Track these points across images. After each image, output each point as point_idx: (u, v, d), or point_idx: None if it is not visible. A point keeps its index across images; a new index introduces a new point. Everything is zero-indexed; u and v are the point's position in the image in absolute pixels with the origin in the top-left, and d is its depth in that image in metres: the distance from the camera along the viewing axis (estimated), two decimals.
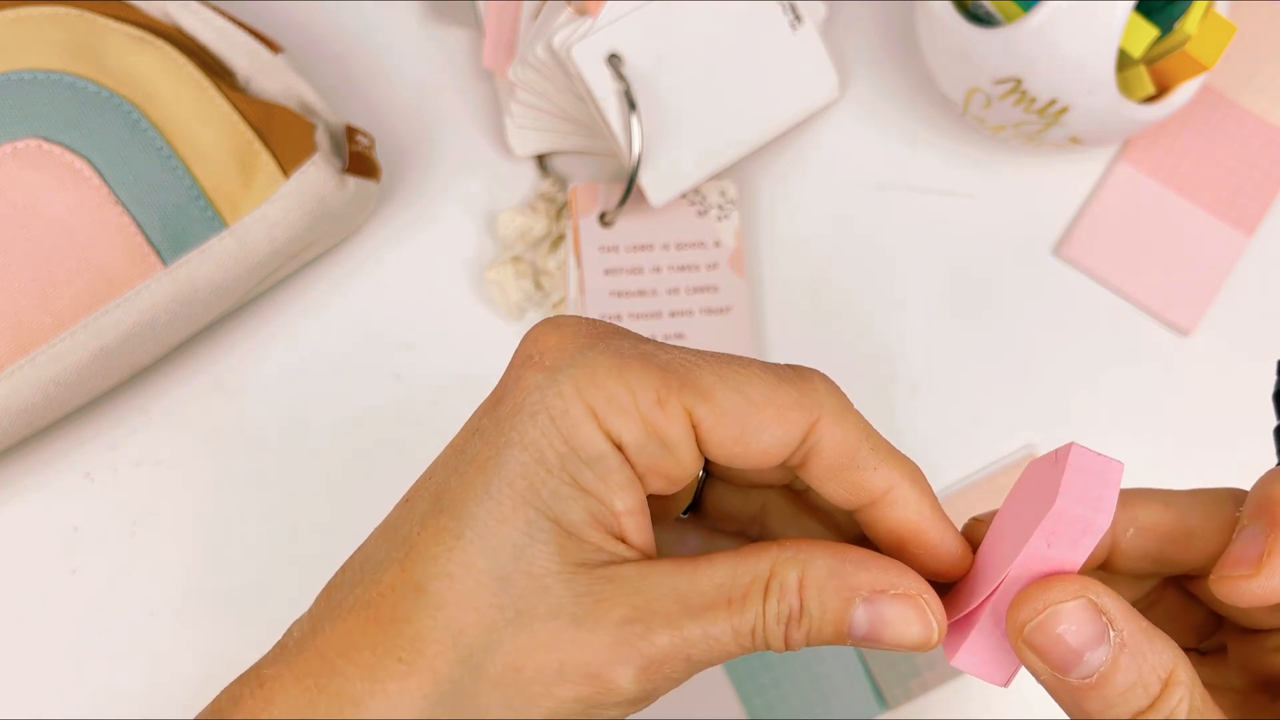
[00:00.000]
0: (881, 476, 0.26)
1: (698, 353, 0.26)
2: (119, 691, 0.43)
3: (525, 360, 0.25)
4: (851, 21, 0.50)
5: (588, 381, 0.24)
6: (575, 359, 0.25)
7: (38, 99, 0.40)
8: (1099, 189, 0.48)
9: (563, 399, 0.24)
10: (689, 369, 0.25)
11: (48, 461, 0.45)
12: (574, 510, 0.24)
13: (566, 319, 0.26)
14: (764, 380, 0.25)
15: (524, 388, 0.25)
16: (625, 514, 0.25)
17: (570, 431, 0.24)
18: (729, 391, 0.25)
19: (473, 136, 0.48)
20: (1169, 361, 0.47)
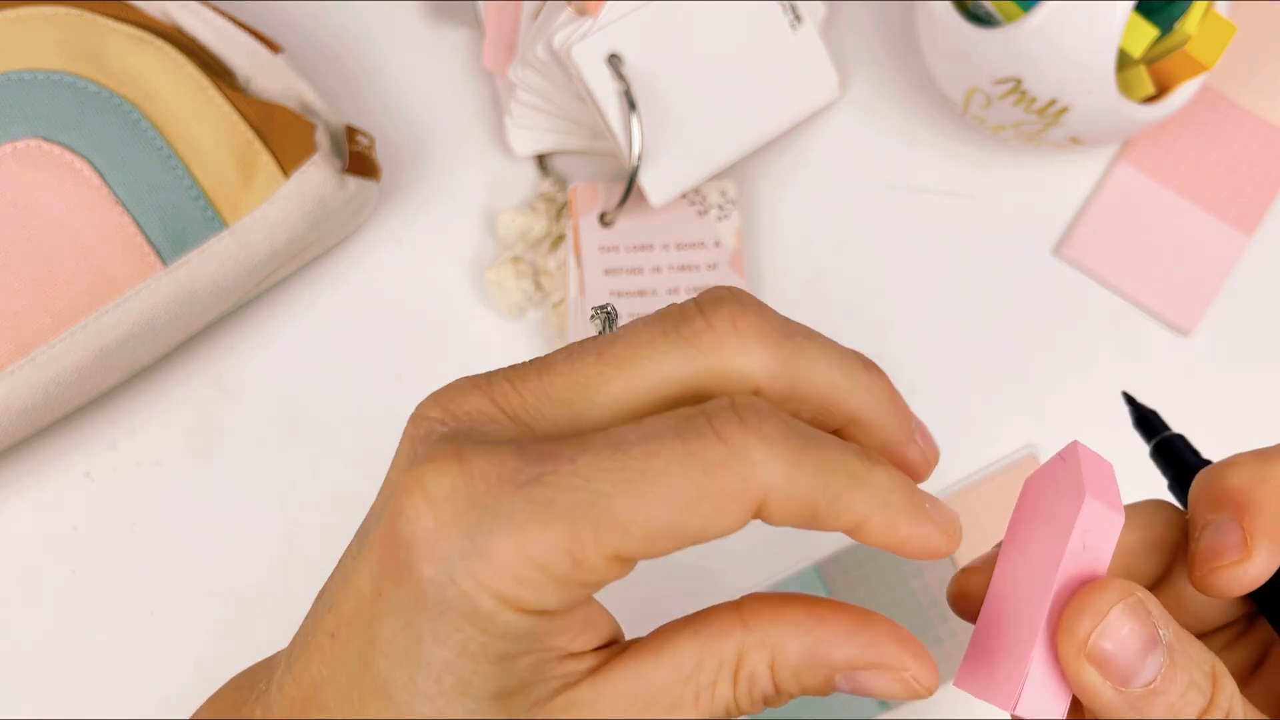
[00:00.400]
0: (848, 515, 0.23)
1: (601, 452, 0.21)
2: (118, 692, 0.43)
3: (409, 541, 0.22)
4: (851, 21, 0.50)
5: (488, 569, 0.21)
6: (466, 546, 0.21)
7: (38, 99, 0.40)
8: (1099, 189, 0.48)
9: (466, 596, 0.21)
10: (595, 501, 0.21)
11: (47, 461, 0.45)
12: (511, 675, 0.22)
13: (441, 467, 0.22)
14: (687, 472, 0.21)
15: (420, 580, 0.21)
16: (573, 639, 0.23)
17: (483, 624, 0.21)
18: (652, 509, 0.21)
19: (473, 136, 0.48)
20: (1169, 361, 0.47)
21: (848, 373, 0.24)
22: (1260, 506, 0.25)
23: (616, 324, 0.26)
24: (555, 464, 0.21)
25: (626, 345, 0.23)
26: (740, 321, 0.23)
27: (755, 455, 0.21)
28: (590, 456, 0.21)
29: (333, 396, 0.46)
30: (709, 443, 0.21)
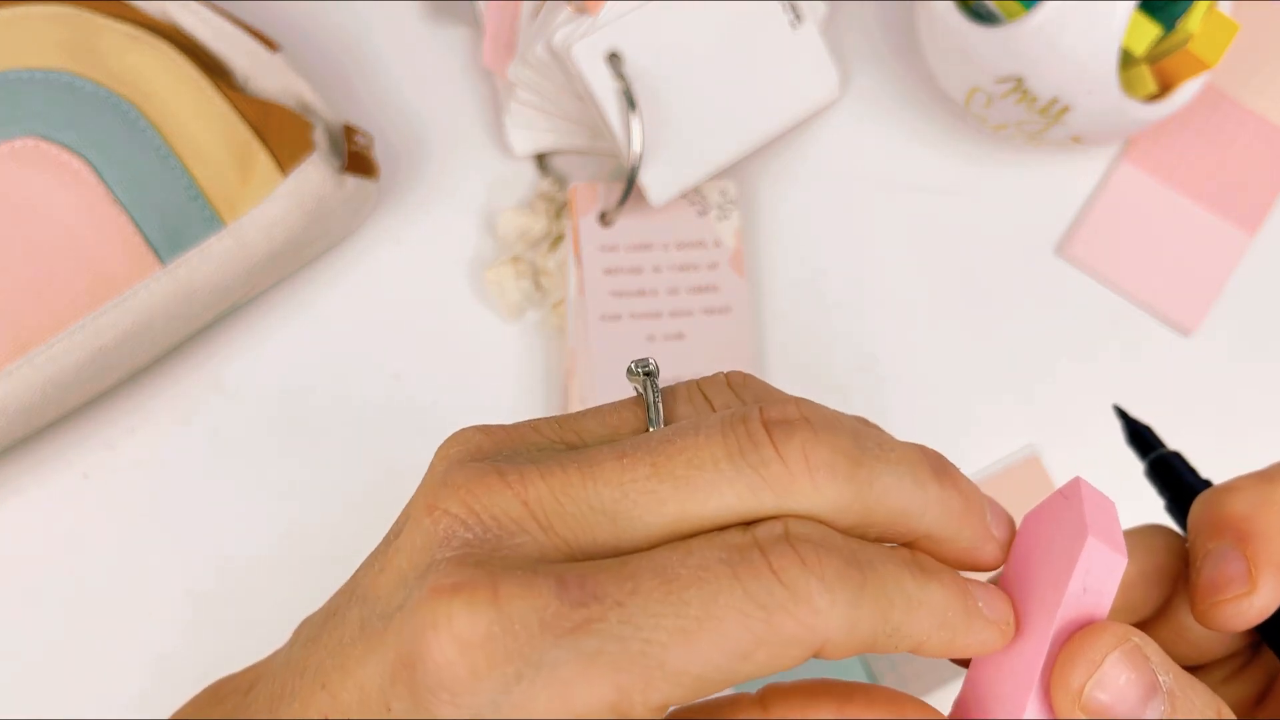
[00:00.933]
0: (907, 642, 0.21)
1: (652, 594, 0.20)
2: (117, 692, 0.43)
3: (433, 690, 0.20)
4: (852, 20, 0.50)
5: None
6: (500, 701, 0.19)
7: (35, 98, 0.40)
8: (1101, 188, 0.48)
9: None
10: (647, 652, 0.19)
11: (45, 461, 0.45)
12: None
13: (465, 618, 0.19)
14: (745, 621, 0.19)
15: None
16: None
17: None
18: (706, 658, 0.19)
19: (472, 136, 0.48)
20: (1171, 361, 0.47)
21: (920, 492, 0.22)
22: (1263, 534, 0.24)
23: (658, 381, 0.24)
24: (602, 608, 0.19)
25: (687, 465, 0.21)
26: (814, 456, 0.21)
27: (817, 601, 0.20)
28: (640, 600, 0.19)
29: (331, 396, 0.46)
30: (767, 584, 0.20)
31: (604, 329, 0.45)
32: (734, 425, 0.21)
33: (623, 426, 0.23)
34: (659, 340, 0.45)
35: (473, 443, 0.22)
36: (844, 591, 0.20)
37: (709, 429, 0.21)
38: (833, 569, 0.20)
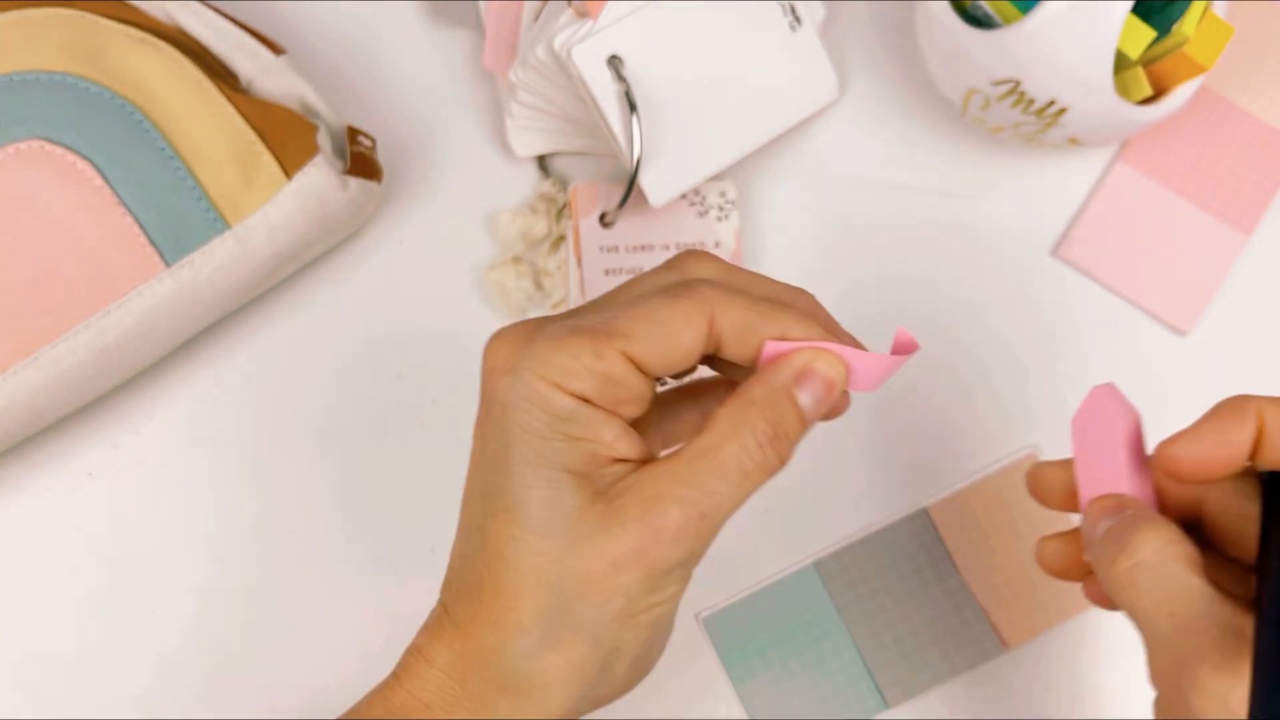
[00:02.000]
0: (775, 328, 0.32)
1: (610, 302, 0.32)
2: (120, 690, 0.43)
3: (491, 372, 0.32)
4: (851, 23, 0.50)
5: (542, 365, 0.30)
6: (526, 355, 0.31)
7: (40, 100, 0.40)
8: (1097, 190, 0.49)
9: (530, 385, 0.31)
10: (610, 321, 0.31)
11: (50, 460, 0.45)
12: (575, 457, 0.31)
13: (506, 330, 0.32)
14: (663, 303, 0.31)
15: (500, 391, 0.31)
16: (614, 440, 0.31)
17: (545, 405, 0.30)
18: (642, 324, 0.31)
19: (474, 137, 0.49)
20: (1167, 361, 0.47)
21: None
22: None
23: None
24: (580, 311, 0.32)
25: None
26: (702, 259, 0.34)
27: (703, 287, 0.31)
28: (602, 303, 0.32)
29: (334, 396, 0.46)
30: (676, 287, 0.32)
31: None
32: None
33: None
34: None
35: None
36: (725, 287, 0.32)
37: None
38: (719, 278, 0.33)
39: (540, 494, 0.31)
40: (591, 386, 0.30)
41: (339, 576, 0.44)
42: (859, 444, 0.46)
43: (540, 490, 0.31)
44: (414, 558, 0.45)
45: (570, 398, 0.30)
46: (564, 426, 0.31)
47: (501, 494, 0.32)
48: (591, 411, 0.31)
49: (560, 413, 0.30)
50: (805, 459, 0.45)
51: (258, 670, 0.43)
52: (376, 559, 0.44)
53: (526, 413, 0.31)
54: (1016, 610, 0.44)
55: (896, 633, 0.44)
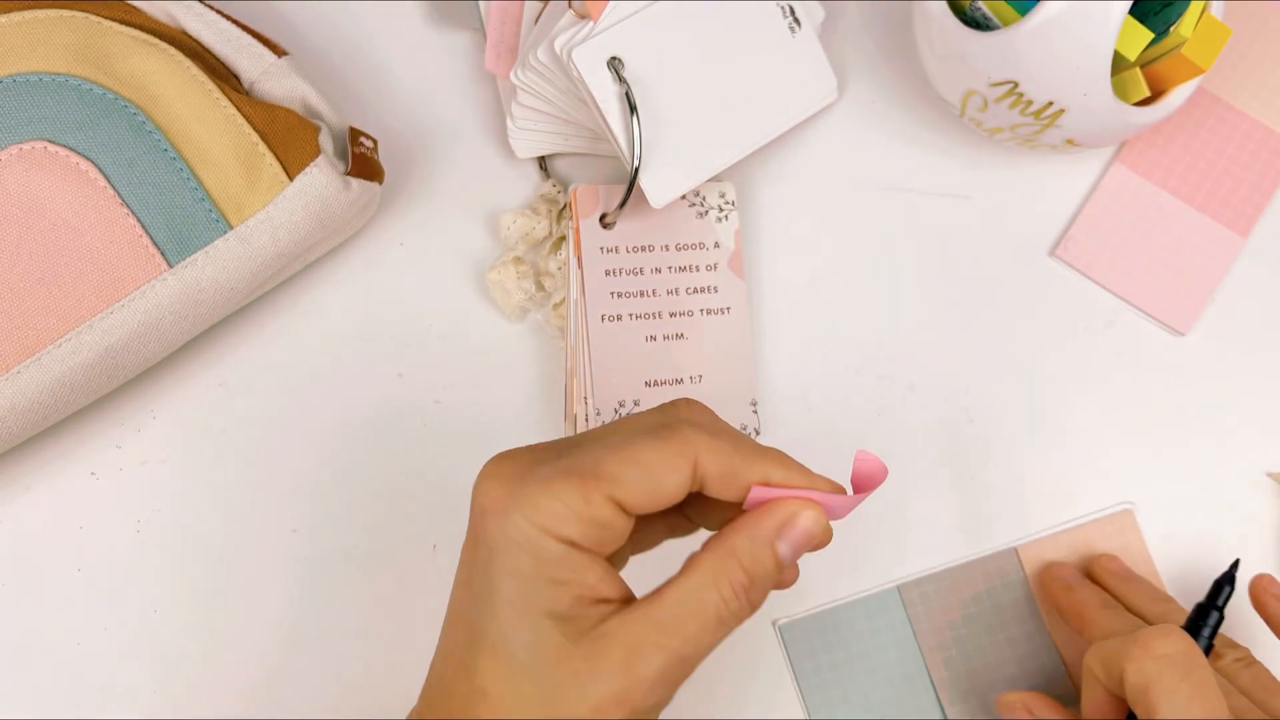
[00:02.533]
0: (757, 473, 0.33)
1: (601, 441, 0.33)
2: (122, 689, 0.43)
3: (482, 512, 0.33)
4: (850, 25, 0.50)
5: (532, 511, 0.32)
6: (517, 498, 0.32)
7: (44, 101, 0.41)
8: (1095, 191, 0.49)
9: (520, 530, 0.32)
10: (597, 464, 0.32)
11: (53, 460, 0.45)
12: (560, 600, 0.32)
13: (499, 465, 0.33)
14: (650, 446, 0.32)
15: (490, 533, 0.32)
16: (597, 582, 0.32)
17: (534, 550, 0.32)
18: (629, 469, 0.32)
19: (475, 139, 0.49)
20: (1164, 362, 0.47)
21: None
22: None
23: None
24: (570, 448, 0.33)
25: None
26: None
27: (687, 431, 0.33)
28: (592, 442, 0.33)
29: (336, 396, 0.46)
30: (661, 430, 0.33)
31: (605, 329, 0.45)
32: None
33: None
34: (659, 340, 0.45)
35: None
36: (707, 432, 0.33)
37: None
38: (704, 422, 0.34)
39: (525, 637, 0.32)
40: (579, 531, 0.32)
41: (340, 576, 0.45)
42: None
43: (525, 633, 0.32)
44: (415, 557, 0.45)
45: (558, 543, 0.32)
46: (550, 570, 0.32)
47: (486, 633, 0.32)
48: (578, 555, 0.32)
49: (548, 558, 0.32)
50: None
51: (259, 670, 0.44)
52: (377, 558, 0.45)
53: (514, 557, 0.32)
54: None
55: (971, 666, 0.44)
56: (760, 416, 0.46)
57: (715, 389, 0.45)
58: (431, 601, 0.44)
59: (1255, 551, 0.46)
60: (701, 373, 0.45)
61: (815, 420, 0.47)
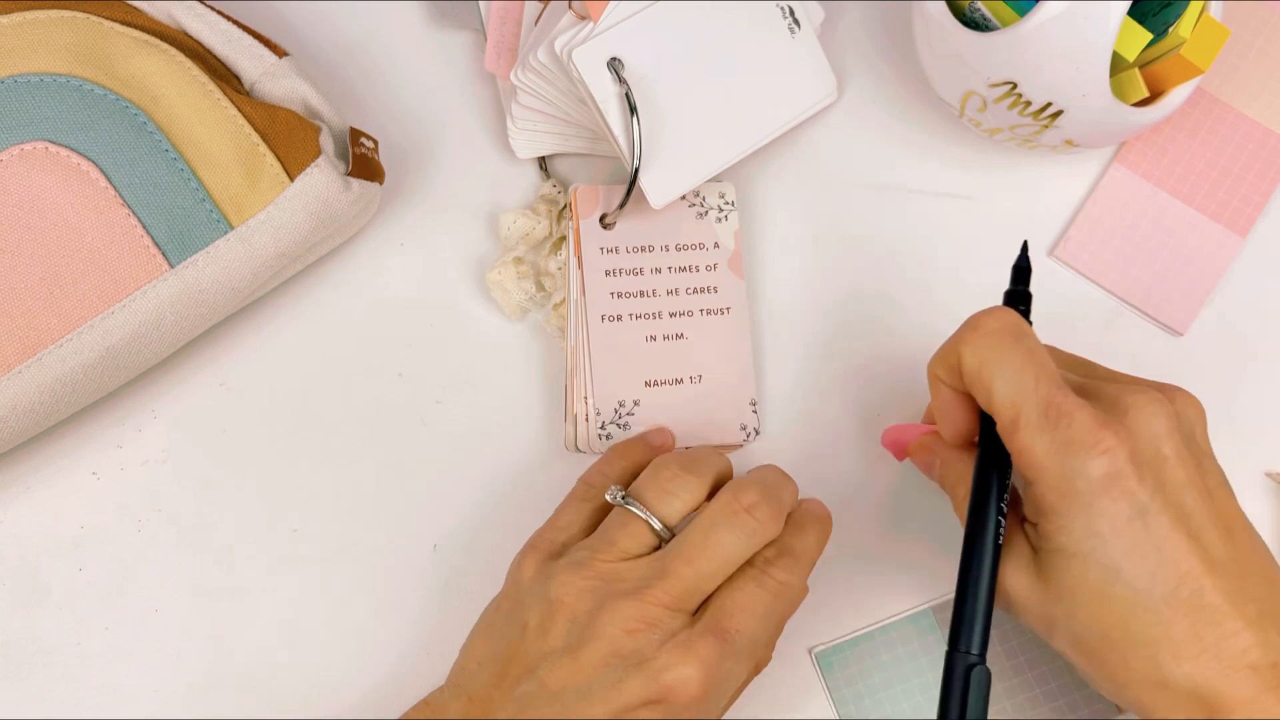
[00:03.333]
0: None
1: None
2: (123, 689, 0.43)
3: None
4: (849, 25, 0.51)
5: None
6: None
7: (45, 102, 0.41)
8: (1094, 191, 0.49)
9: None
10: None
11: (55, 460, 0.45)
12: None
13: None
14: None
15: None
16: None
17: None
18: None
19: (475, 139, 0.49)
20: (1163, 362, 0.47)
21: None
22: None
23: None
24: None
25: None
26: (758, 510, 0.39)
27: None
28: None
29: (336, 395, 0.46)
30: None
31: (605, 329, 0.45)
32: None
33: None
34: (659, 340, 0.45)
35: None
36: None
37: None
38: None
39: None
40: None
41: (340, 575, 0.45)
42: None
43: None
44: (415, 557, 0.45)
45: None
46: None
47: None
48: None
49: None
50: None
51: (259, 669, 0.44)
52: (378, 557, 0.45)
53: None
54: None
55: (1009, 684, 0.44)
56: (760, 416, 0.46)
57: (715, 389, 0.45)
58: (432, 601, 0.44)
59: None
60: (701, 373, 0.45)
61: (815, 420, 0.47)
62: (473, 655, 0.39)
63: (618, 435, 0.44)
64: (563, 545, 0.40)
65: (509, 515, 0.45)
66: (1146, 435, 0.35)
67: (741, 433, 0.45)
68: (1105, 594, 0.34)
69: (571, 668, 0.36)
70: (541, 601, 0.37)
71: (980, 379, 0.36)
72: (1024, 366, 0.36)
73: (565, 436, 0.45)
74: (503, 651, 0.38)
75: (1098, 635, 0.35)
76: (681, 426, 0.45)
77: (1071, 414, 0.35)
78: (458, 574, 0.45)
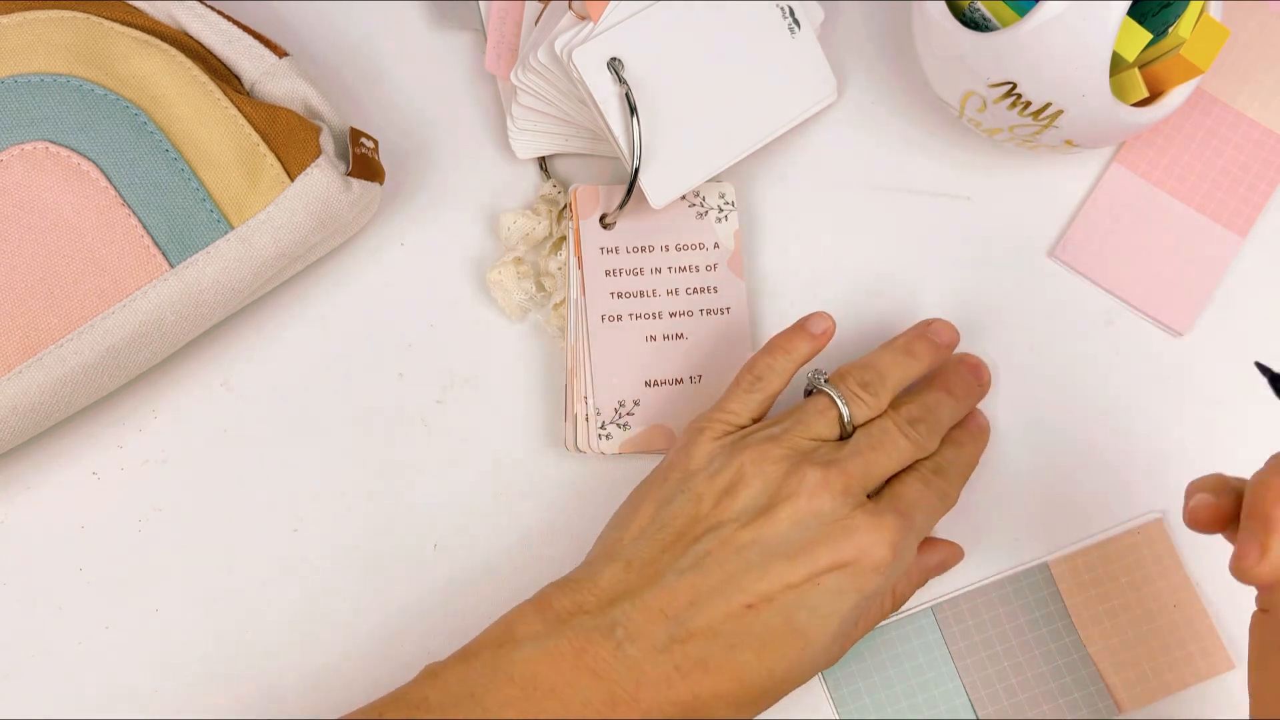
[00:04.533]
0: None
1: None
2: (124, 689, 0.43)
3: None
4: (849, 26, 0.51)
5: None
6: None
7: (45, 102, 0.41)
8: (1094, 191, 0.49)
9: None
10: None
11: (55, 460, 0.45)
12: None
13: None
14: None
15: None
16: None
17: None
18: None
19: (475, 139, 0.49)
20: (1163, 362, 0.48)
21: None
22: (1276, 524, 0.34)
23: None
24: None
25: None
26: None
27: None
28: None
29: (336, 395, 0.46)
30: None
31: (605, 329, 0.45)
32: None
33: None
34: (659, 340, 0.45)
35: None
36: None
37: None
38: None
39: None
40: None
41: (341, 575, 0.45)
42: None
43: None
44: (415, 557, 0.45)
45: None
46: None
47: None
48: None
49: None
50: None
51: (260, 669, 0.44)
52: (379, 557, 0.45)
53: None
54: (1134, 674, 0.44)
55: (1008, 684, 0.44)
56: None
57: (715, 389, 0.45)
58: (432, 601, 0.44)
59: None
60: (701, 373, 0.46)
61: None
62: (631, 524, 0.40)
63: (618, 435, 0.44)
64: (734, 428, 0.41)
65: (509, 515, 0.45)
66: None
67: None
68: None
69: (762, 524, 0.38)
70: (728, 469, 0.39)
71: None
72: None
73: (565, 436, 0.45)
74: (675, 517, 0.39)
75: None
76: (681, 426, 0.45)
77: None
78: (458, 574, 0.45)
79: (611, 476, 0.46)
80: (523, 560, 0.45)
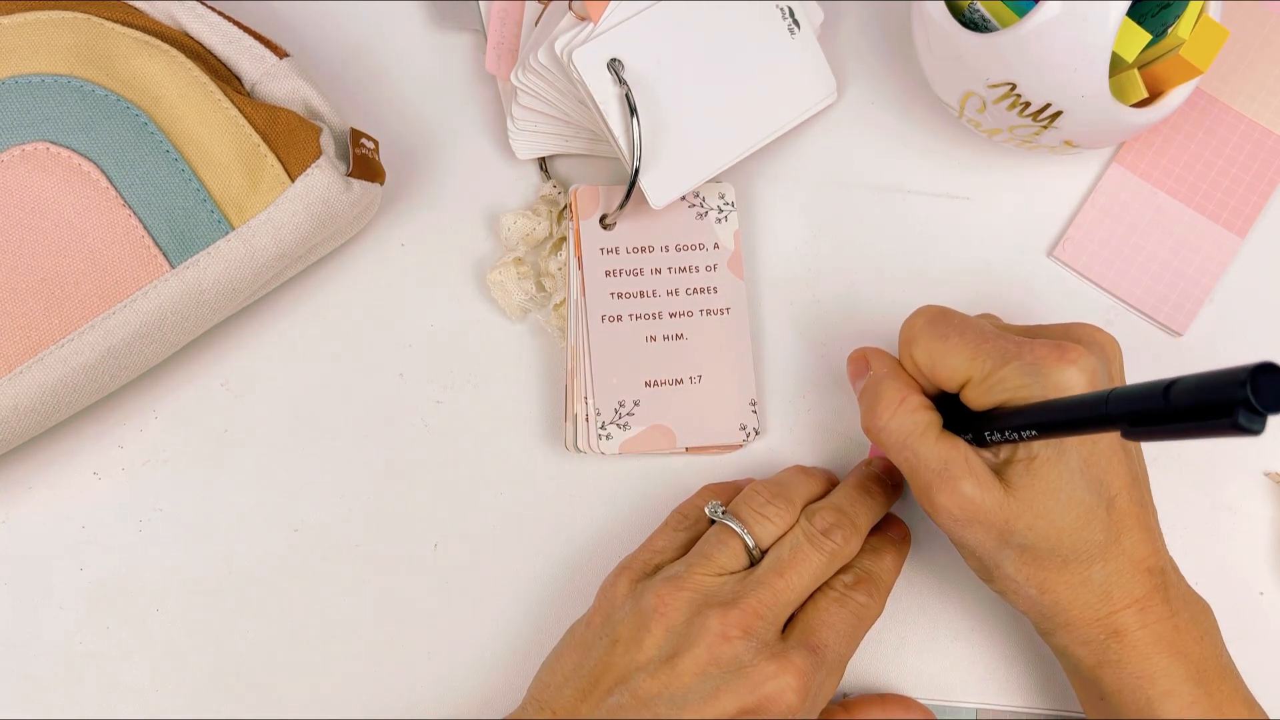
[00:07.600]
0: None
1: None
2: (125, 688, 0.43)
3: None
4: (849, 26, 0.51)
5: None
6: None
7: (46, 102, 0.41)
8: (1093, 192, 0.49)
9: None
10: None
11: (56, 460, 0.45)
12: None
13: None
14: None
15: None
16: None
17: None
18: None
19: (475, 140, 0.49)
20: (1162, 362, 0.48)
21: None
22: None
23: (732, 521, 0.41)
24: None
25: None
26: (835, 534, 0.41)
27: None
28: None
29: (337, 395, 0.46)
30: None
31: (605, 329, 0.45)
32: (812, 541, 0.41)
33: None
34: (659, 340, 0.45)
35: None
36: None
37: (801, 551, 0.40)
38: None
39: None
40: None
41: (342, 575, 0.45)
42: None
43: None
44: (415, 556, 0.45)
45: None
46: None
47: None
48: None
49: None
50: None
51: (260, 669, 0.44)
52: (378, 557, 0.45)
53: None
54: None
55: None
56: (760, 416, 0.46)
57: (715, 389, 0.45)
58: (432, 601, 0.45)
59: (1255, 551, 0.46)
60: (701, 373, 0.46)
61: (815, 420, 0.47)
62: (557, 671, 0.39)
63: (618, 435, 0.44)
64: (655, 567, 0.41)
65: (509, 515, 0.45)
66: (1099, 354, 0.38)
67: (741, 433, 0.45)
68: (1063, 500, 0.37)
69: (668, 675, 0.37)
70: (636, 614, 0.38)
71: (937, 367, 0.39)
72: (963, 335, 0.38)
73: (565, 436, 0.45)
74: (592, 666, 0.38)
75: (1048, 542, 0.37)
76: (681, 426, 0.45)
77: (1030, 345, 0.37)
78: (458, 574, 0.45)
79: (611, 476, 0.46)
80: (523, 560, 0.45)
